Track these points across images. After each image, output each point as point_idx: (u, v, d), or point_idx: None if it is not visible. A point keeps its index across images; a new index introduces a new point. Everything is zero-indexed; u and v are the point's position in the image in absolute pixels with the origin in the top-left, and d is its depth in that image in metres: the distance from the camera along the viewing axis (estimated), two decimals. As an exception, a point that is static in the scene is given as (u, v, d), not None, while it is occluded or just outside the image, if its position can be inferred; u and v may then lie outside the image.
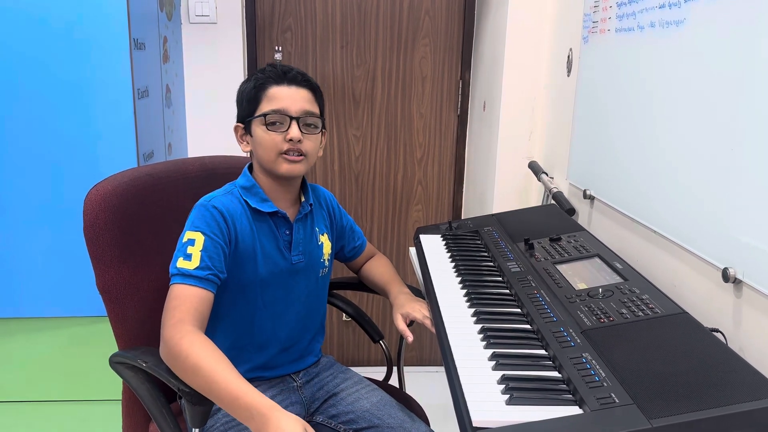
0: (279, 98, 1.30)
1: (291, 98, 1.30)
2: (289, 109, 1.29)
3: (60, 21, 1.84)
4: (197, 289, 1.19)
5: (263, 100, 1.31)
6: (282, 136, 1.29)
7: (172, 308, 1.16)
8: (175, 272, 1.20)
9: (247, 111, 1.33)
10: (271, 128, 1.29)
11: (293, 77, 1.32)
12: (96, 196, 1.30)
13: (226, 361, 1.08)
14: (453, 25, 2.70)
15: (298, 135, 1.28)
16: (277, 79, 1.31)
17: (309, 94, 1.33)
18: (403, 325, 1.35)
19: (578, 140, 1.82)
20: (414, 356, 3.00)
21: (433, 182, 2.85)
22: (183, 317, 1.14)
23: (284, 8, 2.65)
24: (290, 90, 1.31)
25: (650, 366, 0.93)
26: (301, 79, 1.33)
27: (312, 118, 1.32)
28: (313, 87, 1.35)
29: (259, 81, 1.32)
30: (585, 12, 1.79)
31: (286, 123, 1.29)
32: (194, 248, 1.21)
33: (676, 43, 1.27)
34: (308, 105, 1.32)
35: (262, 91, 1.31)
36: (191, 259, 1.20)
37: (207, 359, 1.07)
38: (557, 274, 1.32)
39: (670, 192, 1.29)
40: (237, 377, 1.05)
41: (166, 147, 2.26)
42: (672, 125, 1.29)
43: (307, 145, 1.31)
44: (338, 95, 2.74)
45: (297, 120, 1.29)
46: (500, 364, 1.02)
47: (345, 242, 1.56)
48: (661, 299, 1.13)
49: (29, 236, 1.96)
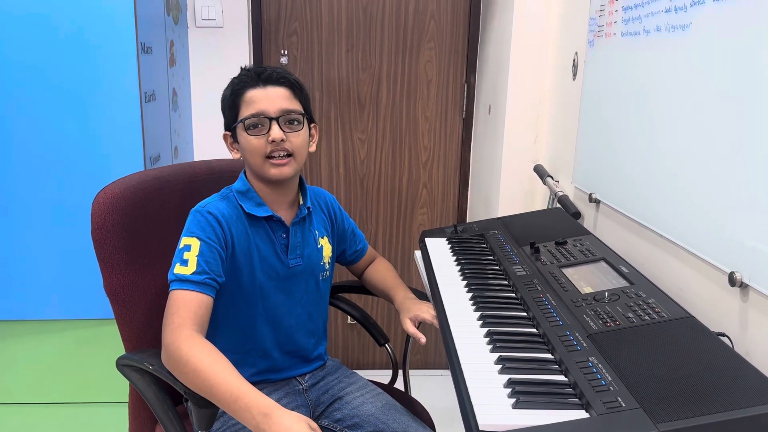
0: (256, 101, 1.29)
1: (267, 99, 1.29)
2: (267, 110, 1.28)
3: (67, 25, 1.85)
4: (195, 294, 1.19)
5: (242, 105, 1.30)
6: (264, 138, 1.28)
7: (171, 314, 1.17)
8: (173, 278, 1.20)
9: (230, 118, 1.33)
10: (252, 132, 1.28)
11: (267, 77, 1.30)
12: (104, 199, 1.31)
13: (226, 363, 1.08)
14: (458, 28, 2.71)
15: (280, 135, 1.27)
16: (251, 81, 1.30)
17: (286, 91, 1.31)
18: (413, 329, 1.35)
19: (584, 144, 1.82)
20: (419, 360, 3.00)
21: (438, 185, 2.86)
22: (182, 322, 1.15)
23: (290, 12, 2.66)
24: (266, 91, 1.29)
25: (657, 370, 0.93)
26: (276, 78, 1.30)
27: (293, 115, 1.30)
28: (290, 83, 1.32)
29: (235, 87, 1.31)
30: (591, 16, 1.79)
31: (266, 125, 1.28)
32: (190, 253, 1.21)
33: (682, 47, 1.27)
34: (286, 103, 1.30)
35: (239, 97, 1.30)
36: (188, 265, 1.20)
37: (206, 361, 1.08)
38: (563, 278, 1.32)
39: (675, 195, 1.29)
40: (236, 378, 1.06)
41: (172, 150, 2.27)
42: (678, 129, 1.29)
43: (293, 142, 1.29)
44: (344, 99, 2.75)
45: (276, 120, 1.28)
46: (506, 368, 1.02)
47: (346, 246, 1.55)
48: (667, 303, 1.13)
49: (37, 239, 1.97)
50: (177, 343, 1.11)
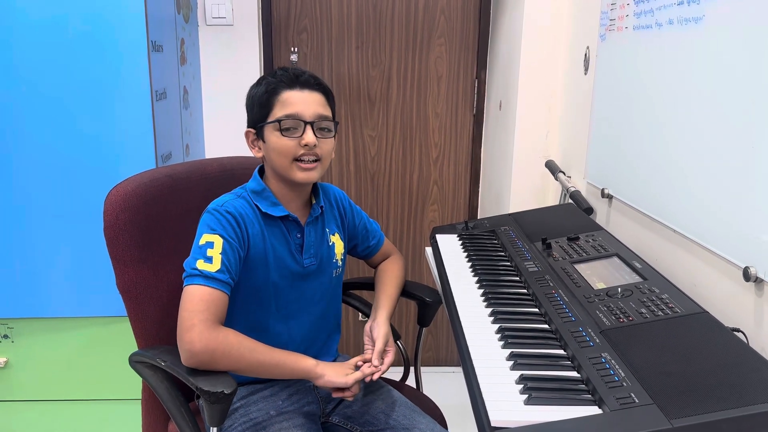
0: (292, 103, 1.28)
1: (304, 102, 1.29)
2: (303, 113, 1.28)
3: (78, 25, 1.86)
4: (219, 293, 1.19)
5: (276, 105, 1.29)
6: (296, 141, 1.28)
7: (201, 310, 1.16)
8: (196, 273, 1.19)
9: (259, 116, 1.32)
10: (285, 134, 1.28)
11: (306, 81, 1.30)
12: (116, 196, 1.32)
13: (257, 343, 1.22)
14: (468, 24, 2.70)
15: (314, 140, 1.27)
16: (289, 83, 1.30)
17: (322, 98, 1.32)
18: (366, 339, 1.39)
19: (596, 139, 1.81)
20: (431, 356, 3.00)
21: (449, 182, 2.85)
22: (212, 318, 1.17)
23: (300, 10, 2.66)
24: (303, 94, 1.29)
25: (670, 366, 0.93)
26: (313, 83, 1.31)
27: (326, 122, 1.31)
28: (325, 90, 1.33)
29: (270, 85, 1.30)
30: (602, 9, 1.78)
31: (300, 128, 1.28)
32: (214, 251, 1.21)
33: (695, 41, 1.26)
34: (322, 109, 1.30)
35: (274, 96, 1.29)
36: (212, 262, 1.20)
37: (251, 346, 1.21)
38: (575, 274, 1.31)
39: (689, 190, 1.28)
40: (273, 351, 1.24)
41: (183, 148, 2.28)
42: (691, 123, 1.28)
43: (323, 148, 1.30)
44: (354, 95, 2.74)
45: (311, 124, 1.28)
46: (518, 364, 1.02)
47: (358, 241, 1.54)
48: (681, 299, 1.12)
49: (50, 237, 1.98)
50: (221, 337, 1.16)
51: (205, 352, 1.14)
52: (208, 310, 1.17)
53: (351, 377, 1.27)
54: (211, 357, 1.15)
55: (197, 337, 1.14)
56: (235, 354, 1.17)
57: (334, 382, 1.26)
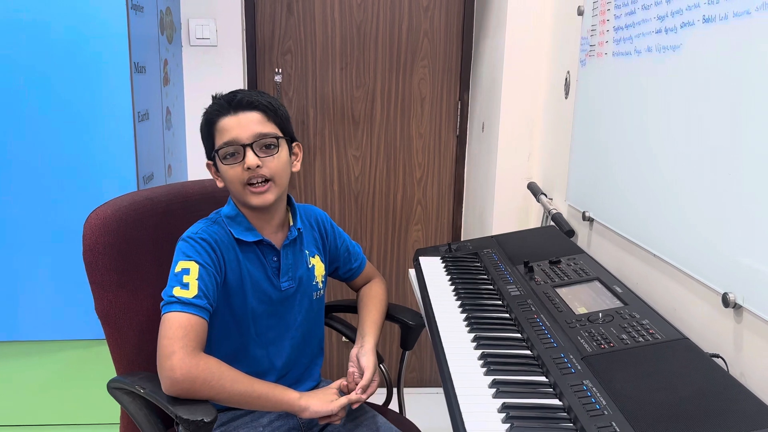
0: (228, 129, 1.26)
1: (239, 126, 1.26)
2: (240, 137, 1.26)
3: (61, 44, 1.85)
4: (198, 318, 1.18)
5: (216, 134, 1.28)
6: (240, 166, 1.26)
7: (180, 336, 1.15)
8: (173, 300, 1.18)
9: (207, 148, 1.32)
10: (227, 162, 1.27)
11: (238, 103, 1.27)
12: (95, 220, 1.30)
13: (239, 373, 1.21)
14: (451, 46, 2.72)
15: (255, 161, 1.25)
16: (222, 110, 1.28)
17: (259, 115, 1.28)
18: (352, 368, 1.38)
19: (576, 162, 1.82)
20: (415, 377, 2.99)
21: (433, 202, 2.86)
22: (192, 345, 1.16)
23: (284, 31, 2.67)
24: (237, 117, 1.27)
25: (651, 394, 0.93)
26: (246, 103, 1.27)
27: (267, 139, 1.28)
28: (262, 106, 1.29)
29: (208, 116, 1.30)
30: (582, 35, 1.80)
31: (240, 152, 1.26)
32: (190, 277, 1.20)
33: (673, 68, 1.28)
34: (260, 127, 1.27)
35: (212, 126, 1.29)
36: (189, 288, 1.19)
37: (232, 375, 1.19)
38: (557, 298, 1.32)
39: (669, 214, 1.29)
40: (255, 382, 1.22)
41: (166, 169, 2.27)
42: (670, 148, 1.29)
43: (270, 167, 1.27)
44: (338, 116, 2.75)
45: (250, 146, 1.26)
46: (501, 392, 1.01)
47: (339, 264, 1.53)
48: (662, 324, 1.13)
49: (28, 259, 1.95)
50: (201, 364, 1.15)
51: (186, 380, 1.13)
52: (188, 336, 1.16)
53: (336, 404, 1.25)
54: (191, 384, 1.14)
55: (178, 363, 1.13)
56: (215, 384, 1.16)
57: (319, 412, 1.24)
